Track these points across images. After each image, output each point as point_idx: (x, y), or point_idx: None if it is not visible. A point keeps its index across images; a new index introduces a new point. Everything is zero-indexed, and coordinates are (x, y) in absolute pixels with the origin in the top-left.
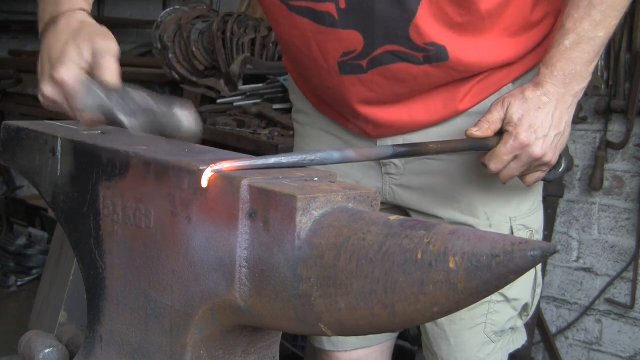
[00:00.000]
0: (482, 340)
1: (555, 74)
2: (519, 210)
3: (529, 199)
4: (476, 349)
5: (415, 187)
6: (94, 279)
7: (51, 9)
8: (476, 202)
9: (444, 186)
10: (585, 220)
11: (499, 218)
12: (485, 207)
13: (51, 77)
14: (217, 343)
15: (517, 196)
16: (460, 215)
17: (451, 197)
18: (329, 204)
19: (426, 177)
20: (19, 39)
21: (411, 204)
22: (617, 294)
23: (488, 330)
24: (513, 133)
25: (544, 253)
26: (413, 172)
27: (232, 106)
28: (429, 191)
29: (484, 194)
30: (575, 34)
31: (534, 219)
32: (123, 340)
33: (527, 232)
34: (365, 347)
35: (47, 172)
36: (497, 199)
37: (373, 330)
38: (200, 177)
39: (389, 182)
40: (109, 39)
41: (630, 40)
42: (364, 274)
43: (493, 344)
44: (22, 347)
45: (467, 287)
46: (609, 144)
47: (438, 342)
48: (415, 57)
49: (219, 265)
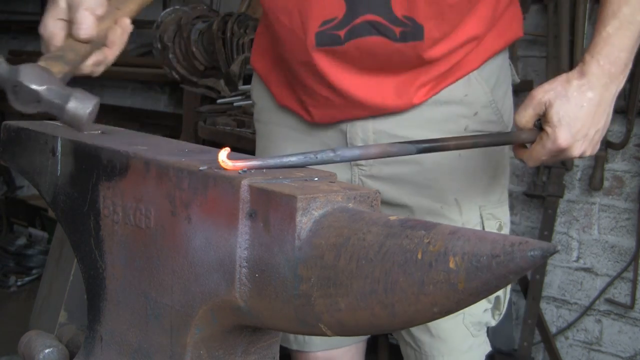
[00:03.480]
0: (462, 331)
1: (601, 63)
2: (487, 200)
3: (497, 190)
4: (458, 340)
5: (385, 177)
6: (94, 279)
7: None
8: (446, 189)
9: (414, 174)
10: (585, 220)
11: (469, 205)
12: (455, 194)
13: (39, 33)
14: (217, 343)
15: (485, 185)
16: (430, 202)
17: (421, 184)
18: (329, 204)
19: (396, 166)
20: (19, 39)
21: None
22: (617, 294)
23: (467, 321)
24: (551, 136)
25: (544, 253)
26: (382, 162)
27: (232, 106)
28: (399, 180)
29: (453, 182)
30: (616, 20)
31: (502, 211)
32: (123, 340)
33: (496, 223)
34: (334, 348)
35: (47, 172)
36: (467, 186)
37: (373, 330)
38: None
39: (358, 174)
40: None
41: None
42: (364, 274)
43: (473, 338)
44: (22, 347)
45: (467, 287)
46: (609, 144)
47: (419, 335)
48: (392, 32)
49: (219, 265)
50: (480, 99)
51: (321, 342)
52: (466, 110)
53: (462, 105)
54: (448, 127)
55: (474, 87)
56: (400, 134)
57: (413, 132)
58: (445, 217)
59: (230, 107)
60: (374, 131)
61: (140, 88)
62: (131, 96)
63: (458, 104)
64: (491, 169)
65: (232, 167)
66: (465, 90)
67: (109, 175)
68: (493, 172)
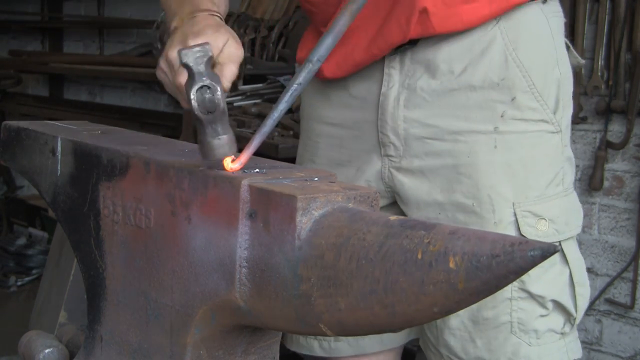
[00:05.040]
0: (511, 340)
1: None
2: (525, 195)
3: (540, 184)
4: (505, 349)
5: (416, 170)
6: (94, 279)
7: (189, 8)
8: (480, 184)
9: (446, 167)
10: (585, 220)
11: (502, 202)
12: (489, 190)
13: (182, 43)
14: (217, 343)
15: (523, 180)
16: (463, 199)
17: (453, 179)
18: (329, 204)
19: (427, 158)
20: (19, 39)
21: (408, 191)
22: (617, 294)
23: (516, 329)
24: None
25: (544, 253)
26: (413, 154)
27: (232, 106)
28: (430, 173)
29: (488, 176)
30: None
31: (548, 207)
32: (123, 340)
33: (536, 220)
34: (362, 354)
35: (47, 172)
36: (502, 182)
37: (373, 330)
38: (201, 177)
39: (389, 165)
40: (240, 46)
41: (630, 40)
42: (364, 274)
43: (530, 347)
44: (22, 347)
45: (467, 287)
46: (609, 144)
47: (464, 345)
48: None
49: (219, 265)
50: (517, 83)
51: (348, 347)
52: (503, 96)
53: (498, 90)
54: (483, 114)
55: (511, 70)
56: (434, 123)
57: (446, 121)
58: (478, 215)
59: (231, 107)
60: (405, 120)
61: (140, 88)
62: (131, 96)
63: (494, 89)
64: (533, 161)
65: (238, 166)
66: (501, 73)
67: (109, 175)
68: (535, 164)
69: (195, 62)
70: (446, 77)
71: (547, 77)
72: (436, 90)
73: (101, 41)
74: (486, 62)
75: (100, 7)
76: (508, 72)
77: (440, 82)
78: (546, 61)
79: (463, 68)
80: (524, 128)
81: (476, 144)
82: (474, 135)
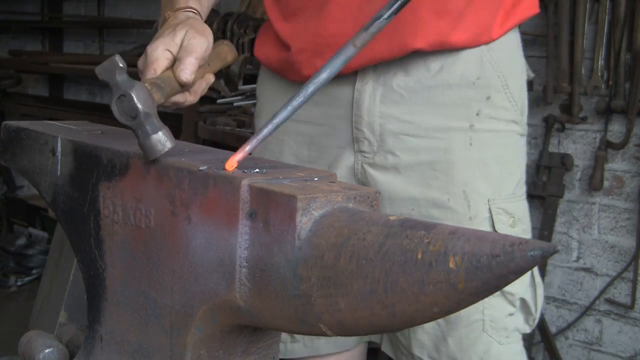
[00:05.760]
0: (483, 339)
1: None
2: (498, 193)
3: (510, 183)
4: (476, 348)
5: (390, 166)
6: (94, 279)
7: (168, 8)
8: (454, 180)
9: (421, 164)
10: (585, 220)
11: (478, 198)
12: (464, 186)
13: (145, 49)
14: (217, 343)
15: (497, 177)
16: (437, 194)
17: (428, 175)
18: (329, 204)
19: (402, 154)
20: (19, 39)
21: (381, 187)
22: (617, 294)
23: (487, 327)
24: None
25: (544, 253)
26: (387, 150)
27: (232, 106)
28: (405, 169)
29: (463, 172)
30: None
31: (518, 207)
32: (123, 340)
33: (508, 218)
34: (316, 355)
35: (47, 172)
36: (477, 178)
37: (373, 330)
38: (201, 177)
39: (362, 161)
40: (201, 36)
41: (630, 40)
42: (364, 274)
43: (500, 346)
44: (22, 347)
45: (467, 287)
46: (609, 144)
47: (436, 344)
48: None
49: (219, 265)
50: (492, 83)
51: (303, 348)
52: (478, 94)
53: (473, 88)
54: (459, 111)
55: (486, 70)
56: (410, 119)
57: (423, 118)
58: (452, 210)
59: (230, 107)
60: (381, 115)
61: None
62: None
63: (470, 87)
64: (505, 160)
65: (235, 163)
66: (477, 72)
67: (109, 175)
68: (507, 163)
69: (107, 76)
70: (423, 74)
71: (517, 79)
72: (413, 87)
73: (101, 41)
74: (462, 61)
75: (100, 7)
76: (484, 71)
77: (416, 80)
78: (517, 64)
79: (440, 67)
80: (497, 127)
81: (452, 141)
82: (450, 132)
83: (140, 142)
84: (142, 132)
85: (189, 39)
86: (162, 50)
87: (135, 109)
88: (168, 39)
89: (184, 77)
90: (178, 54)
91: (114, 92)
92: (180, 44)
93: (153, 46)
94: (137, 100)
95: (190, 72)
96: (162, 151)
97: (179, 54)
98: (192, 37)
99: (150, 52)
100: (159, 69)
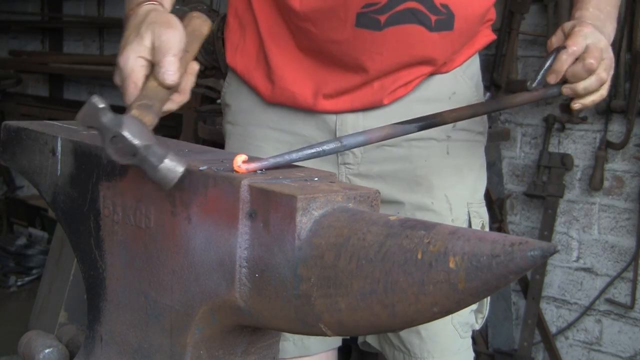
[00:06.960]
0: (451, 332)
1: (590, 10)
2: (474, 197)
3: (480, 189)
4: (447, 341)
5: (374, 175)
6: (94, 279)
7: (129, 4)
8: (436, 185)
9: (404, 171)
10: (585, 220)
11: (458, 202)
12: (445, 190)
13: (117, 62)
14: (217, 343)
15: (472, 183)
16: (421, 198)
17: (411, 181)
18: (329, 204)
19: (385, 164)
20: (19, 39)
21: None
22: (617, 294)
23: (455, 322)
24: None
25: (544, 253)
26: (371, 161)
27: None
28: (389, 177)
29: (443, 178)
30: None
31: (484, 212)
32: (123, 340)
33: (480, 221)
34: (303, 356)
35: (47, 172)
36: (455, 183)
37: (373, 330)
38: (200, 177)
39: (345, 173)
40: (171, 29)
41: (630, 40)
42: (364, 274)
43: (461, 340)
44: (22, 347)
45: (467, 287)
46: (609, 144)
47: (408, 337)
48: (428, 20)
49: (219, 265)
50: (467, 97)
51: (294, 348)
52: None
53: (449, 102)
54: None
55: (460, 86)
56: None
57: None
58: (436, 213)
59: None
60: (364, 128)
61: None
62: None
63: (446, 102)
64: (476, 168)
65: (245, 169)
66: (453, 88)
67: (109, 175)
68: (478, 171)
69: (92, 121)
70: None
71: (482, 94)
72: (394, 103)
73: (101, 41)
74: (438, 80)
75: (100, 7)
76: (458, 87)
77: None
78: (480, 81)
79: (417, 86)
80: (469, 137)
81: (431, 149)
82: (429, 141)
83: (150, 176)
84: (148, 166)
85: (159, 37)
86: (135, 58)
87: (132, 147)
88: (136, 44)
89: (169, 80)
90: (154, 57)
91: (104, 136)
92: (151, 46)
93: (124, 57)
94: (132, 137)
95: (174, 71)
96: (176, 178)
97: (154, 57)
98: (161, 33)
99: (123, 64)
100: (139, 81)
